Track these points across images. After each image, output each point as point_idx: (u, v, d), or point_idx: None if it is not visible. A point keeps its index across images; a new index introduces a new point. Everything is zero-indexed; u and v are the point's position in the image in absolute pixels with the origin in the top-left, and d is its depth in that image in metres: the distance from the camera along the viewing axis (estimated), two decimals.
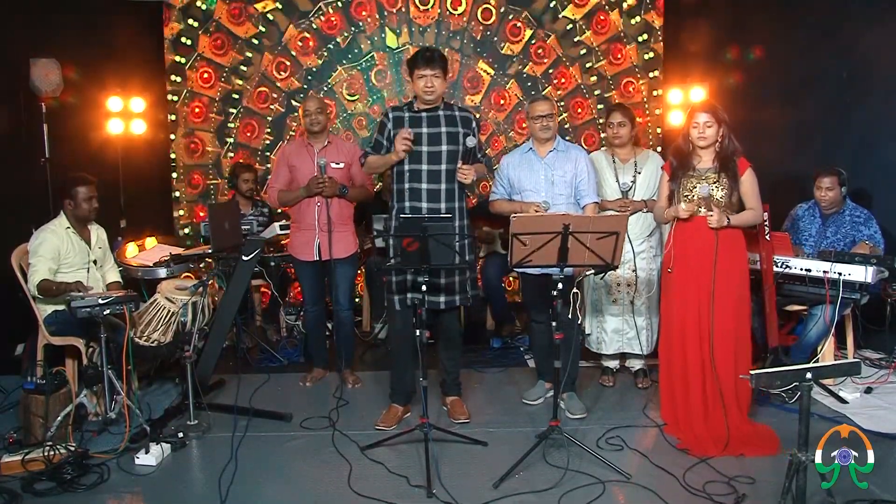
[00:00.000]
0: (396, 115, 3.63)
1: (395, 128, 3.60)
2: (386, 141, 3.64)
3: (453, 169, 3.58)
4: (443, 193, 3.59)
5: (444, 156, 3.57)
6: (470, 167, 3.56)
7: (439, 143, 3.57)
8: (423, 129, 3.58)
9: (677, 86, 6.04)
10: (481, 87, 6.16)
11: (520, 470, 3.15)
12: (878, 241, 4.25)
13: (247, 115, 6.07)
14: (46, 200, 4.95)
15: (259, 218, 5.32)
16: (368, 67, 6.09)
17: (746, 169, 3.41)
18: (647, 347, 4.21)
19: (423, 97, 3.57)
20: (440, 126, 3.59)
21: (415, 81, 3.56)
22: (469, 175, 3.53)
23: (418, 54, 3.55)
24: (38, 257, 3.75)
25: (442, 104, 3.63)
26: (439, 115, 3.61)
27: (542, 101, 3.84)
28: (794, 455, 2.47)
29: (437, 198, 3.58)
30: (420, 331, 3.26)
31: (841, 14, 4.99)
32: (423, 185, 3.55)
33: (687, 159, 3.48)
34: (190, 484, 3.20)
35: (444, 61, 3.56)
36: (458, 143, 3.59)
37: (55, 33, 5.26)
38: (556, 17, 6.12)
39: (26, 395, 3.52)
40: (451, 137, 3.59)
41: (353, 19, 6.03)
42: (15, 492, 3.01)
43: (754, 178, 3.43)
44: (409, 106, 3.66)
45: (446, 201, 3.59)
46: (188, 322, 3.70)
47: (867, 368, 4.37)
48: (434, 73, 3.51)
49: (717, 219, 3.33)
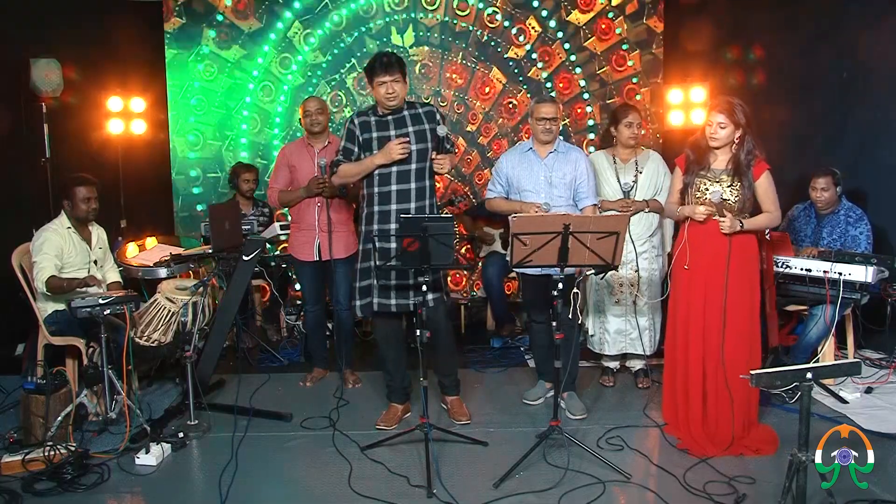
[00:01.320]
0: (363, 121, 3.61)
1: (362, 133, 3.58)
2: (356, 147, 3.61)
3: (423, 167, 3.56)
4: (413, 193, 3.56)
5: (413, 155, 3.55)
6: (444, 156, 3.53)
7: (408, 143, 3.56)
8: (391, 131, 3.57)
9: (677, 86, 6.04)
10: (493, 93, 6.16)
11: (520, 470, 3.15)
12: (861, 242, 4.24)
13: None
14: (46, 200, 4.96)
15: (259, 218, 5.32)
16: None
17: (763, 172, 3.31)
18: (649, 348, 4.21)
19: (385, 104, 3.54)
20: (407, 126, 3.58)
21: (375, 89, 3.53)
22: (445, 164, 3.53)
23: (375, 61, 3.51)
24: (42, 255, 3.75)
25: (405, 105, 3.62)
26: (404, 115, 3.60)
27: (548, 103, 3.79)
28: (794, 455, 2.46)
29: (406, 198, 3.56)
30: (420, 331, 3.26)
31: (841, 14, 4.99)
32: (393, 187, 3.54)
33: (703, 155, 3.38)
34: (190, 484, 3.20)
35: (402, 65, 3.54)
36: (427, 140, 3.57)
37: (55, 33, 5.27)
38: (560, 21, 6.11)
39: (26, 395, 3.52)
40: (419, 136, 3.57)
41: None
42: (15, 492, 3.01)
43: (771, 181, 3.33)
44: (374, 110, 3.64)
45: (416, 200, 3.57)
46: (188, 322, 3.70)
47: (867, 368, 4.37)
48: (394, 79, 3.49)
49: (729, 224, 3.25)
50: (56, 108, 5.19)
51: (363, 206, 3.69)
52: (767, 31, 5.56)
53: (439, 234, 3.19)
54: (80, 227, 3.96)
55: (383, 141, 3.54)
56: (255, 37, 5.97)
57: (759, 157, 3.32)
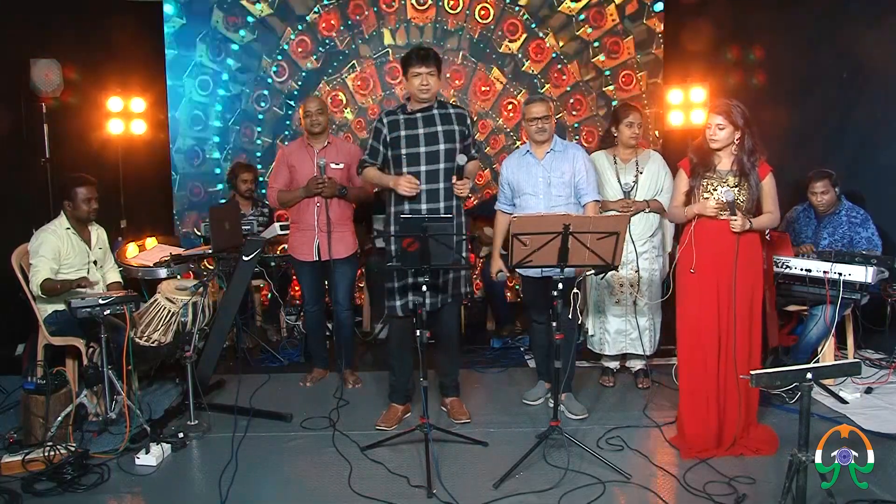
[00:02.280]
0: (391, 119, 3.62)
1: (390, 132, 3.60)
2: (382, 146, 3.63)
3: (451, 167, 3.58)
4: (441, 192, 3.59)
5: (441, 155, 3.57)
6: (465, 181, 3.59)
7: (436, 142, 3.57)
8: (420, 129, 3.58)
9: (677, 86, 6.04)
10: (492, 93, 6.15)
11: (520, 470, 3.15)
12: (876, 244, 4.25)
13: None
14: (46, 200, 4.96)
15: (259, 218, 5.32)
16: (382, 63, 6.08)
17: (768, 173, 3.33)
18: (649, 348, 4.20)
19: (418, 96, 3.56)
20: (436, 125, 3.59)
21: (409, 80, 3.55)
22: (465, 189, 3.58)
23: (412, 53, 3.53)
24: (39, 257, 3.75)
25: (436, 103, 3.63)
26: (434, 114, 3.61)
27: (537, 102, 3.78)
28: (794, 455, 2.46)
29: (435, 198, 3.58)
30: (420, 331, 3.26)
31: (841, 14, 4.99)
32: (422, 186, 3.55)
33: (707, 158, 3.37)
34: (190, 484, 3.20)
35: (438, 59, 3.55)
36: (456, 141, 3.59)
37: (55, 33, 5.27)
38: (553, 12, 6.08)
39: (27, 395, 3.51)
40: (447, 135, 3.58)
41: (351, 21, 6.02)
42: (15, 492, 3.01)
43: (773, 182, 3.35)
44: (403, 108, 3.65)
45: (445, 200, 3.60)
46: (188, 322, 3.70)
47: (867, 369, 4.37)
48: (429, 71, 3.50)
49: (741, 224, 3.24)
50: (56, 109, 5.19)
51: (390, 205, 3.69)
52: (767, 32, 5.57)
53: (439, 234, 3.20)
54: (80, 227, 3.96)
55: (411, 138, 3.56)
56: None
57: (762, 157, 3.32)
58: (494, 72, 6.12)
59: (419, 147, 3.56)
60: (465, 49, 6.07)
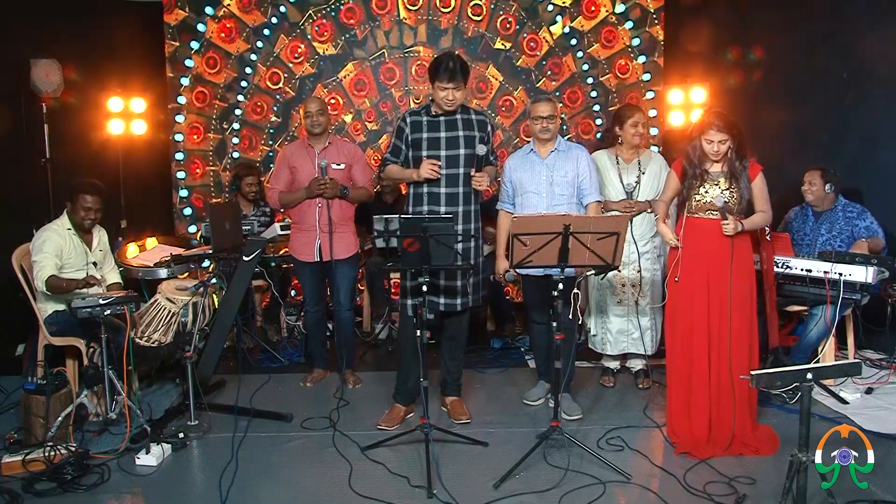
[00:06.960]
0: (414, 120, 3.66)
1: (412, 133, 3.63)
2: (404, 146, 3.67)
3: (469, 173, 3.62)
4: (461, 197, 3.63)
5: (461, 159, 3.61)
6: (483, 173, 3.61)
7: (457, 146, 3.61)
8: (441, 133, 3.62)
9: (677, 86, 6.03)
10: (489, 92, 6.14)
11: (520, 470, 3.15)
12: (876, 230, 4.26)
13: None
14: (47, 201, 4.96)
15: (261, 218, 5.32)
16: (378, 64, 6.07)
17: (758, 173, 3.38)
18: (651, 348, 4.21)
19: (443, 107, 3.60)
20: (458, 130, 3.63)
21: (435, 91, 3.58)
22: (483, 181, 3.60)
23: (441, 66, 3.52)
24: (42, 254, 3.75)
25: (459, 108, 3.65)
26: (457, 118, 3.64)
27: (544, 102, 3.79)
28: (794, 455, 2.47)
29: (455, 201, 3.62)
30: (421, 331, 3.26)
31: (841, 15, 5.00)
32: (442, 190, 3.60)
33: (701, 166, 3.42)
34: (190, 484, 3.20)
35: (466, 72, 3.57)
36: (475, 147, 3.63)
37: (55, 33, 5.27)
38: (545, 6, 6.05)
39: (27, 395, 3.52)
40: (468, 141, 3.62)
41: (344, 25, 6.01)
42: (15, 492, 3.02)
43: (764, 181, 3.40)
44: (427, 110, 3.68)
45: (464, 204, 3.64)
46: (189, 322, 3.70)
47: (868, 369, 4.37)
48: (455, 87, 3.53)
49: (733, 227, 3.28)
50: (56, 109, 5.18)
51: (408, 205, 3.72)
52: (767, 32, 5.56)
53: (439, 234, 3.20)
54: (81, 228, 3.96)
55: (433, 141, 3.60)
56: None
57: (751, 158, 3.38)
58: (490, 69, 6.11)
59: (440, 150, 3.61)
60: (459, 48, 6.05)
